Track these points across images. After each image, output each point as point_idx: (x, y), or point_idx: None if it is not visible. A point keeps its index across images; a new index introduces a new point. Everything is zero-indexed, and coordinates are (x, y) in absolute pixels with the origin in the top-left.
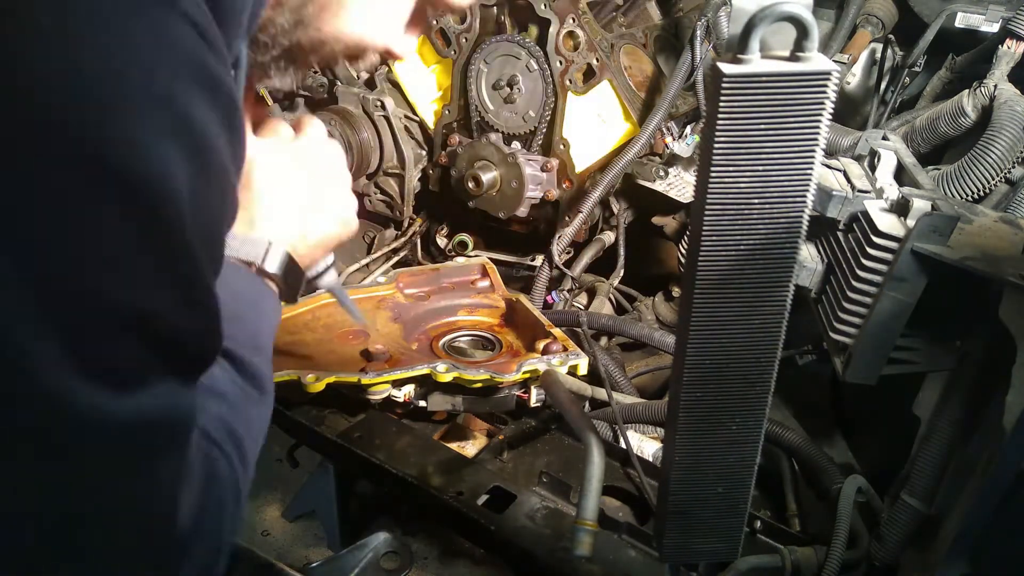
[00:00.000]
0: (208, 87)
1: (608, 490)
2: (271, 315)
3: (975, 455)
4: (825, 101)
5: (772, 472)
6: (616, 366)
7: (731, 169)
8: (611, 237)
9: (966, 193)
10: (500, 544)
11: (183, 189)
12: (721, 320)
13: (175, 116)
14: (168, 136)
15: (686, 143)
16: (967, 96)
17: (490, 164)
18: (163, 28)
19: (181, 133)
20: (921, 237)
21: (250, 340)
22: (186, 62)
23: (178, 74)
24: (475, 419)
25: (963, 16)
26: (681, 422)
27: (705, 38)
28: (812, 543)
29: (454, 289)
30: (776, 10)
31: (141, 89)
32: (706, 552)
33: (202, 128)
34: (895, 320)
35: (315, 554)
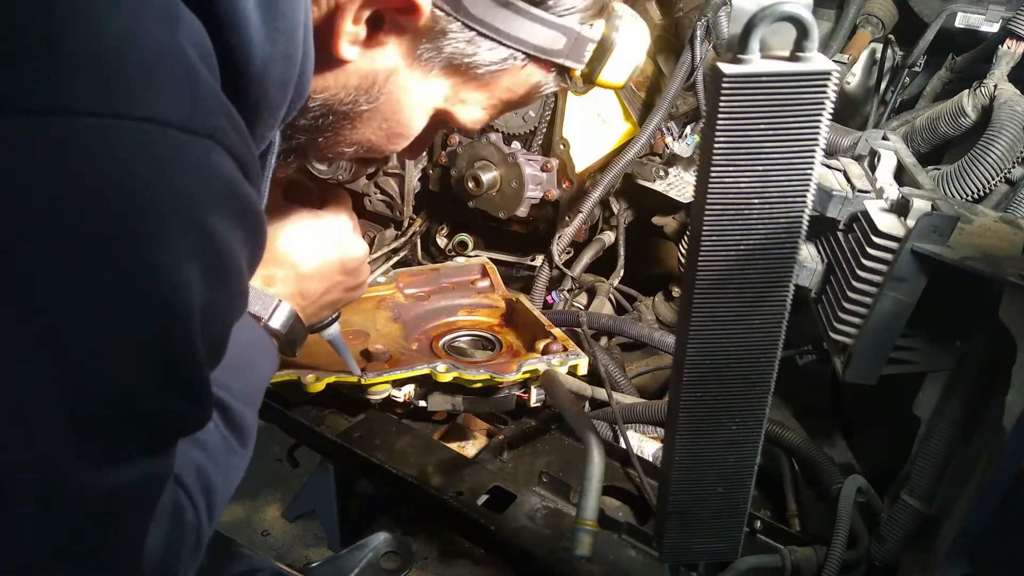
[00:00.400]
0: (238, 210)
1: (608, 490)
2: (268, 369)
3: (975, 455)
4: (825, 101)
5: (772, 472)
6: (616, 366)
7: (731, 169)
8: (611, 237)
9: (966, 193)
10: (500, 544)
11: (197, 304)
12: (721, 320)
13: (203, 239)
14: (193, 258)
15: (686, 143)
16: (967, 96)
17: (490, 164)
18: (205, 161)
19: (206, 255)
20: (921, 237)
21: (243, 392)
22: (221, 190)
23: (212, 202)
24: (475, 419)
25: (963, 16)
26: (681, 422)
27: (705, 38)
28: (812, 543)
29: (454, 289)
30: (776, 10)
31: (177, 216)
32: (706, 552)
33: (226, 247)
34: (895, 320)
35: (315, 554)
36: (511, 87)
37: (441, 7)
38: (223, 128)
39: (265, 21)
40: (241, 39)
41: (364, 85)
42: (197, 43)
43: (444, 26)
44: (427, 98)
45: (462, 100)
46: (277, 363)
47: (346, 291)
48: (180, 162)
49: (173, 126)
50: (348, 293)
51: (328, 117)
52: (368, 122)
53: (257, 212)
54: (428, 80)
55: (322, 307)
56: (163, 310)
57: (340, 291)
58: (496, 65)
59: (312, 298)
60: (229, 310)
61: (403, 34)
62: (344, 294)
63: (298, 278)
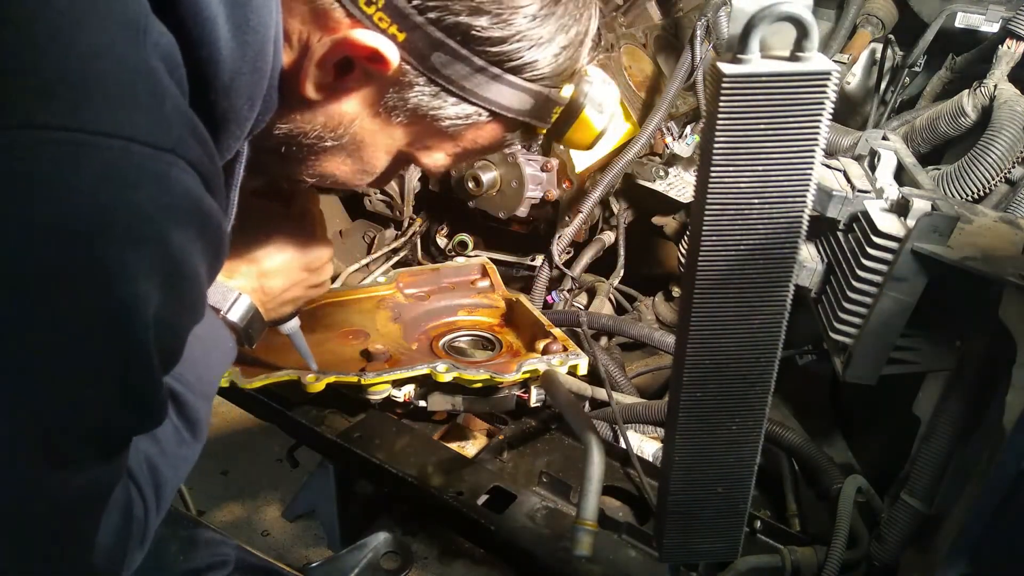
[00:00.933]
0: (198, 224)
1: (608, 490)
2: (224, 361)
3: (975, 455)
4: (825, 101)
5: (772, 472)
6: (616, 366)
7: (731, 169)
8: (611, 237)
9: (966, 193)
10: (500, 544)
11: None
12: (721, 320)
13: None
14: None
15: (686, 143)
16: (967, 96)
17: (490, 164)
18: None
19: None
20: (921, 237)
21: (198, 383)
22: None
23: (173, 216)
24: (475, 419)
25: (963, 16)
26: (681, 422)
27: (705, 38)
28: (812, 543)
29: (454, 289)
30: (776, 10)
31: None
32: (706, 552)
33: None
34: (895, 320)
35: (315, 554)
36: (475, 139)
37: (409, 61)
38: (186, 142)
39: (235, 35)
40: (211, 52)
41: (330, 124)
42: (165, 56)
43: (411, 79)
44: (390, 142)
45: (427, 146)
46: (234, 355)
47: (308, 289)
48: (141, 176)
49: (136, 140)
50: (310, 291)
51: (292, 147)
52: (332, 157)
53: (218, 224)
54: (392, 127)
55: (283, 303)
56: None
57: (302, 289)
58: (461, 120)
59: (273, 294)
60: (186, 320)
61: (370, 82)
62: (306, 292)
63: (260, 273)
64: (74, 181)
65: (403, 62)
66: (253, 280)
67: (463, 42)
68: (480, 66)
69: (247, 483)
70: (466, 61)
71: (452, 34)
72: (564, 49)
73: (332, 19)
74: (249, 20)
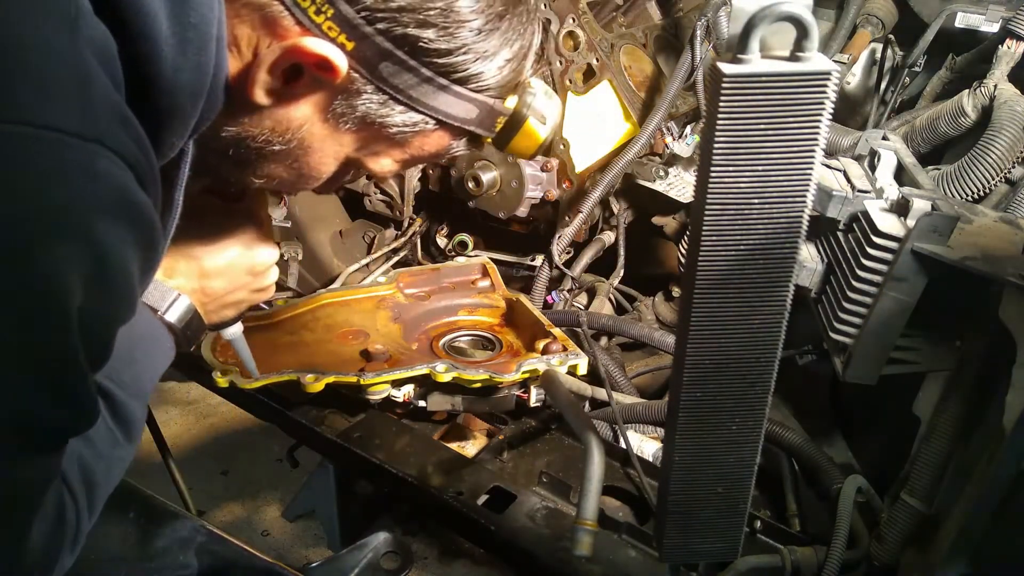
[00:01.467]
0: (128, 216)
1: (608, 490)
2: (161, 361)
3: (975, 455)
4: (825, 101)
5: (772, 472)
6: (616, 366)
7: (731, 169)
8: (611, 237)
9: (966, 193)
10: (500, 544)
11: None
12: (721, 320)
13: (86, 246)
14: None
15: (686, 143)
16: (967, 96)
17: (490, 164)
18: (92, 165)
19: (89, 261)
20: (921, 237)
21: (133, 383)
22: (108, 195)
23: (98, 207)
24: (475, 419)
25: (963, 16)
26: (681, 422)
27: (705, 38)
28: (812, 543)
29: (455, 289)
30: (776, 10)
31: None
32: (706, 552)
33: (112, 252)
34: (895, 320)
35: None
36: (422, 146)
37: (358, 69)
38: (115, 133)
39: (175, 31)
40: (151, 48)
41: (278, 129)
42: (98, 50)
43: (360, 87)
44: (338, 148)
45: (374, 152)
46: (172, 356)
47: (252, 292)
48: (65, 167)
49: (61, 131)
50: (253, 295)
51: (240, 149)
52: (279, 161)
53: (150, 217)
54: (340, 133)
55: (224, 306)
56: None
57: (246, 292)
58: (408, 128)
59: (215, 296)
60: (115, 315)
61: (319, 88)
62: (249, 295)
63: (202, 273)
64: None
65: (352, 70)
66: (194, 280)
67: (411, 53)
68: (427, 76)
69: (247, 483)
70: (414, 71)
71: (400, 45)
72: (508, 62)
73: (282, 27)
74: (190, 17)
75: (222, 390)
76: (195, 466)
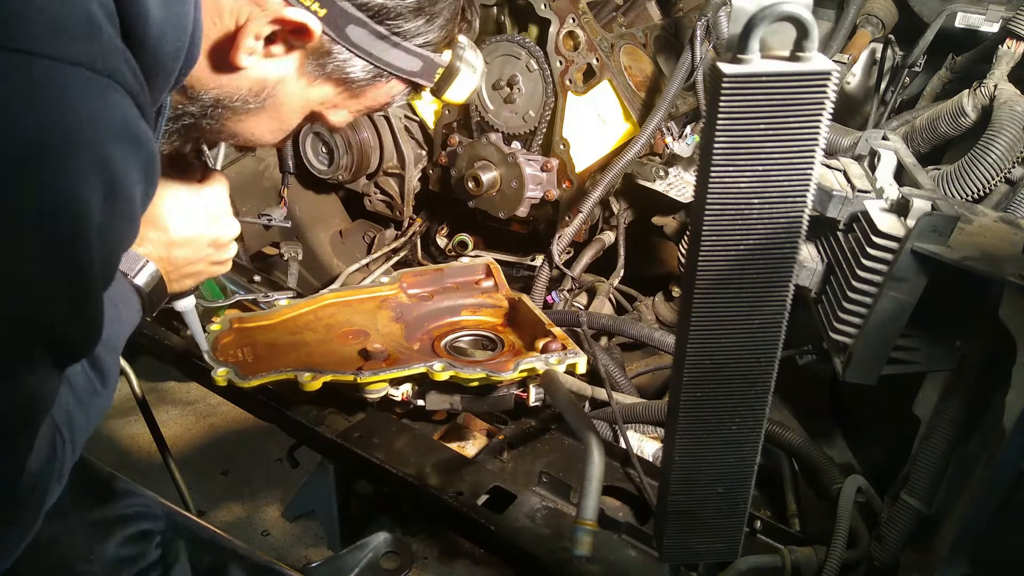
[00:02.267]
0: (135, 145)
1: (608, 490)
2: (131, 320)
3: (975, 455)
4: (825, 101)
5: (772, 472)
6: (616, 366)
7: (731, 169)
8: (611, 237)
9: (966, 193)
10: (500, 544)
11: (95, 224)
12: (721, 320)
13: (102, 165)
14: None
15: (686, 143)
16: (967, 96)
17: (490, 164)
18: (105, 97)
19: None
20: (921, 237)
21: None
22: (119, 124)
23: (111, 134)
24: (475, 419)
25: (963, 16)
26: (681, 422)
27: (705, 38)
28: (812, 543)
29: (458, 289)
30: (776, 10)
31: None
32: (706, 552)
33: (122, 176)
34: (895, 320)
35: (315, 554)
36: (375, 97)
37: (328, 33)
38: (123, 72)
39: None
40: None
41: (255, 89)
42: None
43: (328, 47)
44: (306, 102)
45: (335, 105)
46: (139, 317)
47: (211, 264)
48: (82, 95)
49: (77, 64)
50: (212, 267)
51: (217, 109)
52: (253, 117)
53: (152, 150)
54: (310, 89)
55: (185, 275)
56: (64, 225)
57: (206, 264)
58: (367, 81)
59: (178, 265)
60: (121, 236)
61: (293, 51)
62: (209, 267)
63: (168, 243)
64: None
65: (323, 34)
66: (161, 248)
67: (373, 16)
68: (383, 35)
69: (247, 483)
70: (373, 32)
71: (365, 10)
72: (447, 21)
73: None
74: None
75: (222, 390)
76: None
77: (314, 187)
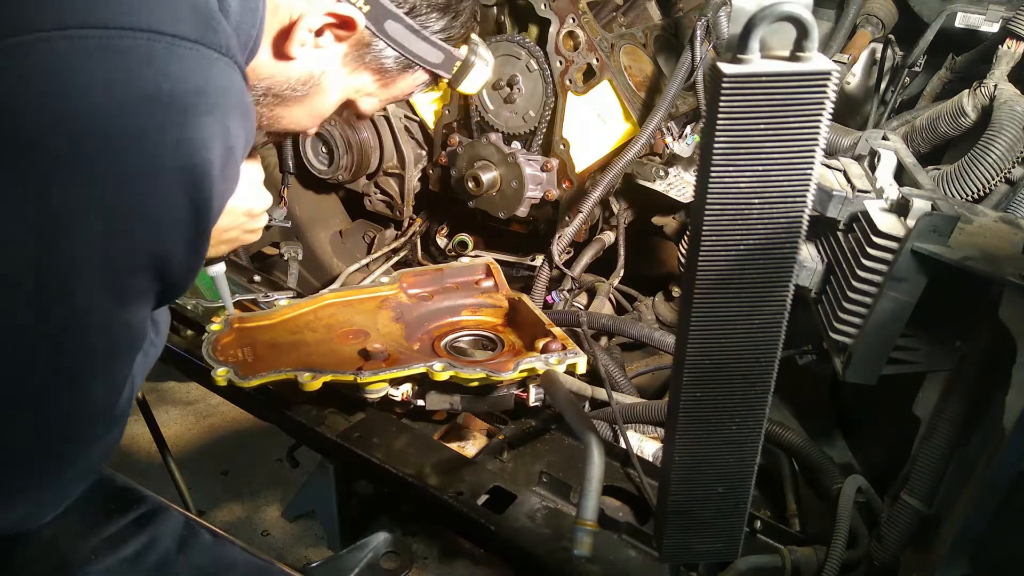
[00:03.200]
0: (245, 117)
1: (608, 490)
2: None
3: (975, 455)
4: (825, 101)
5: (772, 472)
6: (616, 366)
7: (731, 169)
8: (611, 237)
9: (966, 193)
10: (500, 544)
11: (216, 180)
12: (721, 320)
13: (224, 134)
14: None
15: (686, 143)
16: (967, 96)
17: (490, 164)
18: (226, 74)
19: (224, 145)
20: (921, 237)
21: None
22: (235, 98)
23: (230, 106)
24: (475, 419)
25: (963, 16)
26: (681, 422)
27: (705, 38)
28: (812, 543)
29: (458, 289)
30: (776, 10)
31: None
32: (706, 552)
33: (235, 143)
34: (895, 320)
35: (315, 554)
36: (402, 87)
37: (368, 27)
38: (235, 53)
39: None
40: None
41: (303, 78)
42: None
43: (368, 40)
44: (345, 90)
45: (368, 94)
46: None
47: (244, 233)
48: (215, 73)
49: (212, 48)
50: (245, 235)
51: (267, 96)
52: (297, 104)
53: (253, 119)
54: (350, 78)
55: (222, 241)
56: (197, 179)
57: (239, 231)
58: (397, 72)
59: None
60: (227, 194)
61: (338, 42)
62: (242, 235)
63: None
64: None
65: (365, 27)
66: None
67: (408, 12)
68: (415, 28)
69: (247, 483)
70: (407, 26)
71: (401, 5)
72: (467, 18)
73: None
74: None
75: (222, 390)
76: (195, 466)
77: (314, 187)
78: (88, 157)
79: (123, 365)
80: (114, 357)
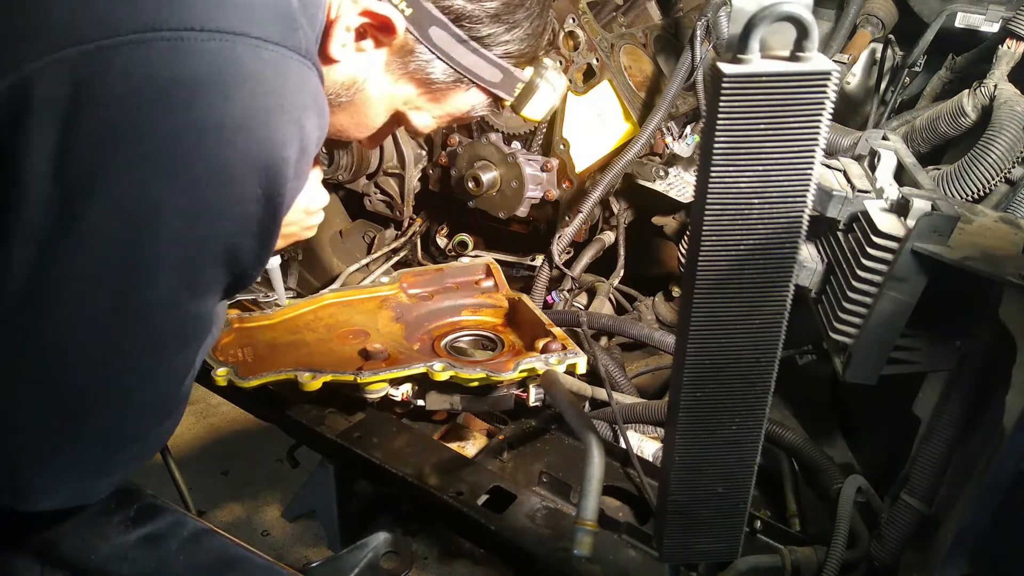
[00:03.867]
0: (320, 116)
1: (608, 490)
2: None
3: (975, 455)
4: (825, 101)
5: (772, 472)
6: (616, 366)
7: (731, 169)
8: (611, 237)
9: (966, 193)
10: (500, 544)
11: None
12: (721, 320)
13: (299, 131)
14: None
15: (686, 143)
16: (967, 96)
17: (490, 164)
18: (307, 76)
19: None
20: (921, 237)
21: None
22: (313, 100)
23: (308, 107)
24: (475, 419)
25: (963, 16)
26: (681, 422)
27: (705, 38)
28: (812, 543)
29: (458, 289)
30: (776, 10)
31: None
32: (706, 552)
33: (309, 141)
34: (895, 320)
35: (315, 554)
36: (456, 104)
37: (412, 32)
38: (314, 56)
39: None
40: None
41: (347, 82)
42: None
43: (412, 46)
44: (391, 100)
45: (417, 107)
46: None
47: (303, 228)
48: (294, 74)
49: (293, 50)
50: (304, 231)
51: None
52: (342, 111)
53: (326, 125)
54: (394, 86)
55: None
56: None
57: (298, 227)
58: (447, 85)
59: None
60: (298, 191)
61: (379, 47)
62: (300, 231)
63: None
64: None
65: (407, 32)
66: None
67: (454, 19)
68: (463, 38)
69: (247, 483)
70: (454, 35)
71: (446, 12)
72: (528, 35)
73: None
74: None
75: (222, 390)
76: (195, 466)
77: None
78: (179, 155)
79: (188, 354)
80: (181, 346)
